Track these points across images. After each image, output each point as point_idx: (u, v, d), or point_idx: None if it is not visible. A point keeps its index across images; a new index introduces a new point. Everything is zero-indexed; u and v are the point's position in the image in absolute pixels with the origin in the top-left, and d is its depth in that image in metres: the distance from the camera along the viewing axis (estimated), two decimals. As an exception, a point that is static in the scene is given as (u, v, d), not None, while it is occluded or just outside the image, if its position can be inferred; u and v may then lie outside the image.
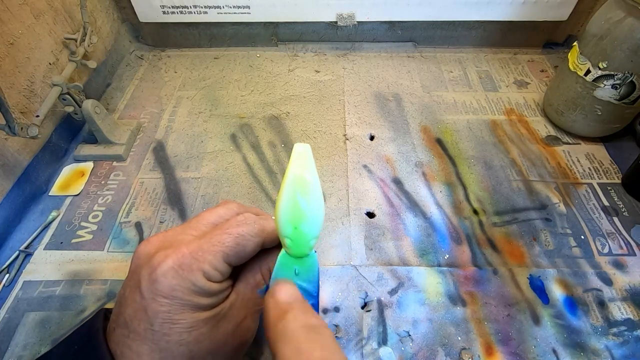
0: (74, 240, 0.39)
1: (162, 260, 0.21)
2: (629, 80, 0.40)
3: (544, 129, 0.49)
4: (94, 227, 0.40)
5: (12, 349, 0.31)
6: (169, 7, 0.56)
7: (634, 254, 0.37)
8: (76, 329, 0.23)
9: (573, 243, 0.38)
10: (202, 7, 0.56)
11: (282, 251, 0.22)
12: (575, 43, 0.44)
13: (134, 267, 0.23)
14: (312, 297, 0.23)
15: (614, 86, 0.41)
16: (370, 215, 0.41)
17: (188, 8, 0.56)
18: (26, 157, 0.42)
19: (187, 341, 0.21)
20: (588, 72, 0.42)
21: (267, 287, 0.22)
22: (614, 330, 0.32)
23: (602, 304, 0.34)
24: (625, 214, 0.40)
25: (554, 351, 0.31)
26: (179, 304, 0.21)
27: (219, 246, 0.22)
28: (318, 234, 0.21)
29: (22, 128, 0.37)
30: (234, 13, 0.57)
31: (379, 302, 0.34)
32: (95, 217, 0.41)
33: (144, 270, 0.21)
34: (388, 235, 0.39)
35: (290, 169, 0.20)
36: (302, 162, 0.20)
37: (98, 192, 0.43)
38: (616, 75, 0.40)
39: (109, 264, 0.37)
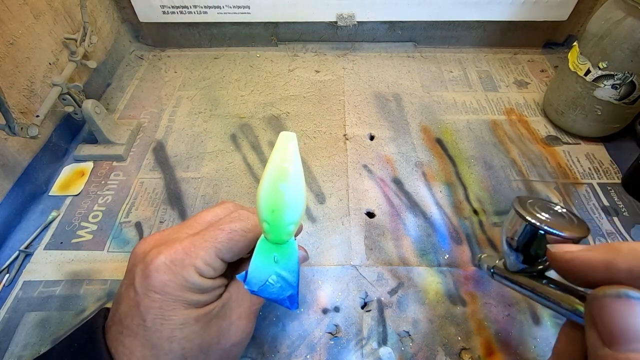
0: (74, 240, 0.39)
1: (155, 257, 0.21)
2: (629, 80, 0.40)
3: (544, 129, 0.49)
4: (94, 227, 0.40)
5: (12, 349, 0.31)
6: (169, 7, 0.56)
7: (634, 254, 0.37)
8: (77, 327, 0.23)
9: (573, 243, 0.38)
10: (202, 7, 0.56)
11: (262, 237, 0.22)
12: (575, 43, 0.44)
13: (130, 265, 0.23)
14: (291, 287, 0.22)
15: (614, 86, 0.41)
16: (370, 215, 0.41)
17: (188, 8, 0.56)
18: (26, 157, 0.42)
19: (179, 338, 0.21)
20: (588, 72, 0.42)
21: (247, 273, 0.21)
22: (614, 330, 0.32)
23: (602, 304, 0.34)
24: (625, 214, 0.40)
25: (554, 351, 0.31)
26: (170, 299, 0.21)
27: (211, 242, 0.22)
28: (297, 219, 0.21)
29: (22, 128, 0.37)
30: (234, 13, 0.57)
31: (379, 302, 0.34)
32: (95, 217, 0.41)
33: (138, 267, 0.21)
34: (388, 235, 0.39)
35: (273, 155, 0.20)
36: (284, 149, 0.20)
37: (98, 192, 0.43)
38: (616, 75, 0.40)
39: (109, 264, 0.37)
